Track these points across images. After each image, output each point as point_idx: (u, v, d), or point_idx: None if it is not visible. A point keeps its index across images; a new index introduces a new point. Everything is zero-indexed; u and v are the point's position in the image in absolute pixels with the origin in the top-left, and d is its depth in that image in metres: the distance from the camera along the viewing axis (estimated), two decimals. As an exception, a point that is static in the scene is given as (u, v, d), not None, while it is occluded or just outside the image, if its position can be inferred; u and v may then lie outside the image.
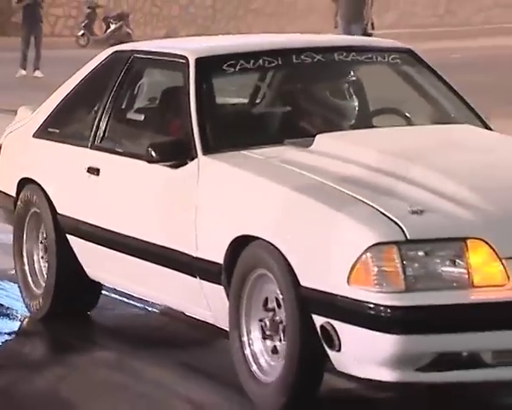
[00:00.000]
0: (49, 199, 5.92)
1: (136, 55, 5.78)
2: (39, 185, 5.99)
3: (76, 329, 5.86)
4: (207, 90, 5.28)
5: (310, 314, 4.42)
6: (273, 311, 4.64)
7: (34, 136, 6.17)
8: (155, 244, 5.19)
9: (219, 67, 5.36)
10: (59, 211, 5.87)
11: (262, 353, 4.70)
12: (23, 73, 20.35)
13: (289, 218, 4.58)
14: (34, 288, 6.09)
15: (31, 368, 5.38)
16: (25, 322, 6.09)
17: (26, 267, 6.14)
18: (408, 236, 4.25)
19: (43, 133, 6.12)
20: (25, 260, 6.15)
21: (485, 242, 4.29)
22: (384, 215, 4.33)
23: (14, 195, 6.19)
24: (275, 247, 4.54)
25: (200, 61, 5.31)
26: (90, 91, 5.96)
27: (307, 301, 4.42)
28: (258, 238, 4.64)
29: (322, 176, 4.66)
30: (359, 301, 4.25)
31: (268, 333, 4.67)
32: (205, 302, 5.01)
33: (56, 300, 5.90)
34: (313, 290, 4.40)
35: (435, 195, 4.45)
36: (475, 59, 14.55)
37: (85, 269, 5.83)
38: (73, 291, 5.89)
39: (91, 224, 5.63)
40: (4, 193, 6.33)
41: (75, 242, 5.81)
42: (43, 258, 6.07)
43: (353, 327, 4.28)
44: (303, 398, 4.55)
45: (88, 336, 5.84)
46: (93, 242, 5.66)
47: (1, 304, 6.31)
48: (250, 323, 4.73)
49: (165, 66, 5.66)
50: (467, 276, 4.27)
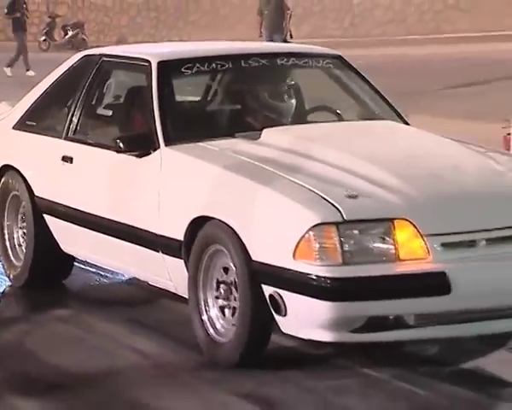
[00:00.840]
0: (28, 183, 5.76)
1: (104, 58, 5.64)
2: (19, 172, 5.83)
3: (45, 293, 5.73)
4: (168, 89, 5.16)
5: (260, 285, 4.33)
6: (227, 281, 4.54)
7: (14, 128, 6.00)
8: (123, 223, 5.06)
9: (178, 70, 5.23)
10: (36, 194, 5.72)
11: (217, 318, 4.59)
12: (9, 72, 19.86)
13: (241, 201, 4.47)
14: (14, 260, 5.94)
15: (2, 325, 5.30)
16: (6, 289, 5.93)
17: (7, 243, 5.97)
18: (345, 217, 4.18)
19: (22, 126, 5.95)
20: (6, 236, 5.98)
21: (409, 221, 4.24)
22: (324, 199, 4.25)
23: (-5, 180, 6.01)
24: (229, 226, 4.44)
25: (161, 64, 5.18)
26: (64, 89, 5.80)
27: (258, 273, 4.33)
28: (214, 218, 4.53)
29: (269, 165, 4.57)
30: (303, 273, 4.17)
31: (223, 301, 4.57)
32: (167, 274, 4.90)
33: (34, 270, 5.76)
34: (263, 264, 4.31)
35: (367, 181, 4.38)
36: (376, 64, 14.79)
37: (60, 244, 5.68)
38: (49, 263, 5.75)
39: (65, 205, 5.49)
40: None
41: (51, 220, 5.66)
42: (22, 235, 5.91)
43: (297, 296, 4.21)
44: (253, 356, 4.47)
45: (53, 298, 5.71)
46: (67, 220, 5.52)
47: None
48: (207, 292, 4.62)
49: (130, 68, 5.51)
50: (394, 251, 4.21)
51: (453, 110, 11.98)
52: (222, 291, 4.57)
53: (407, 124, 5.46)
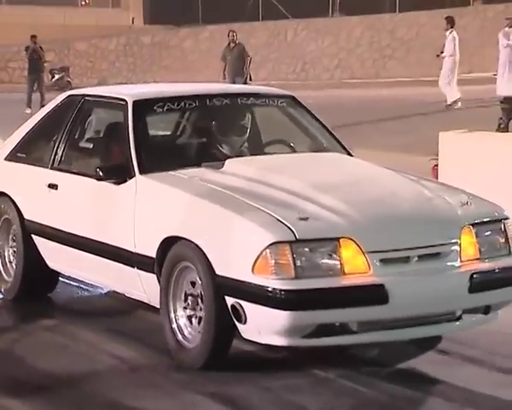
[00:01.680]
0: (18, 208, 5.70)
1: (86, 97, 5.61)
2: (10, 197, 5.77)
3: (33, 305, 5.66)
4: (142, 125, 5.13)
5: (223, 296, 4.31)
6: (194, 294, 4.50)
7: (6, 159, 5.95)
8: (103, 242, 5.01)
9: (151, 108, 5.21)
10: (25, 217, 5.66)
11: (186, 326, 4.56)
12: (29, 111, 19.61)
13: (207, 222, 4.45)
14: (5, 276, 5.86)
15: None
16: (-2, 302, 5.89)
17: None
18: (297, 236, 4.18)
19: (13, 157, 5.90)
20: None
21: (352, 240, 4.25)
22: (279, 221, 4.24)
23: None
24: (196, 245, 4.41)
25: (136, 103, 5.16)
26: (51, 125, 5.75)
27: (221, 286, 4.31)
28: (183, 238, 4.50)
29: (232, 191, 4.55)
30: (261, 285, 4.15)
31: (190, 311, 4.54)
32: (141, 287, 4.85)
33: (23, 285, 5.69)
34: (226, 278, 4.28)
35: (316, 205, 4.39)
36: (324, 104, 14.94)
37: (46, 261, 5.62)
38: (37, 278, 5.68)
39: (51, 227, 5.44)
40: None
41: (38, 240, 5.60)
42: (12, 253, 5.84)
43: (256, 305, 4.19)
44: (217, 359, 4.44)
45: (41, 309, 5.63)
46: (53, 240, 5.46)
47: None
48: (176, 303, 4.59)
49: (109, 106, 5.48)
50: (339, 266, 4.21)
51: (387, 144, 12.09)
52: (189, 302, 4.54)
53: (351, 155, 5.48)
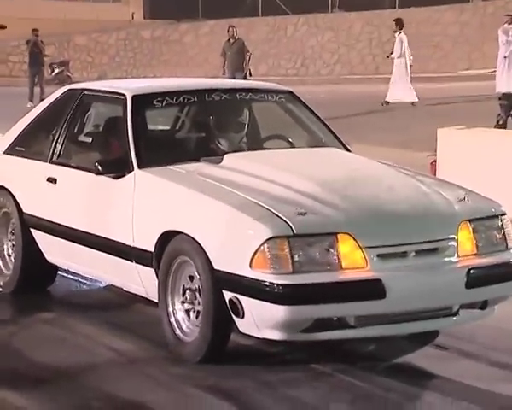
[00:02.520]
0: (17, 202, 5.70)
1: (85, 92, 5.62)
2: (9, 191, 5.77)
3: (32, 298, 5.66)
4: (141, 119, 5.13)
5: (221, 290, 4.32)
6: (192, 288, 4.51)
7: (5, 153, 5.94)
8: (101, 236, 5.02)
9: (150, 102, 5.21)
10: (24, 211, 5.66)
11: (183, 320, 4.57)
12: (30, 105, 19.62)
13: (205, 217, 4.46)
14: (4, 269, 5.87)
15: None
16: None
17: None
18: (295, 231, 4.18)
19: (11, 151, 5.90)
20: None
21: (350, 235, 4.25)
22: (277, 216, 4.25)
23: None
24: (194, 239, 4.42)
25: (135, 98, 5.17)
26: (50, 119, 5.75)
27: (219, 280, 4.31)
28: (181, 233, 4.51)
29: (230, 185, 4.56)
30: (259, 280, 4.16)
31: (188, 305, 4.54)
32: (139, 281, 4.86)
33: (22, 278, 5.69)
34: (224, 272, 4.29)
35: (314, 200, 4.39)
36: (322, 99, 14.96)
37: (45, 255, 5.62)
38: (35, 272, 5.68)
39: (50, 220, 5.44)
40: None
41: (37, 234, 5.60)
42: (11, 247, 5.84)
43: (254, 300, 4.20)
44: (214, 353, 4.45)
45: (39, 302, 5.64)
46: (51, 234, 5.46)
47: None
48: (174, 297, 4.60)
49: (108, 101, 5.48)
50: (337, 261, 4.22)
51: (384, 140, 12.11)
52: (187, 296, 4.55)
53: (349, 151, 5.48)
